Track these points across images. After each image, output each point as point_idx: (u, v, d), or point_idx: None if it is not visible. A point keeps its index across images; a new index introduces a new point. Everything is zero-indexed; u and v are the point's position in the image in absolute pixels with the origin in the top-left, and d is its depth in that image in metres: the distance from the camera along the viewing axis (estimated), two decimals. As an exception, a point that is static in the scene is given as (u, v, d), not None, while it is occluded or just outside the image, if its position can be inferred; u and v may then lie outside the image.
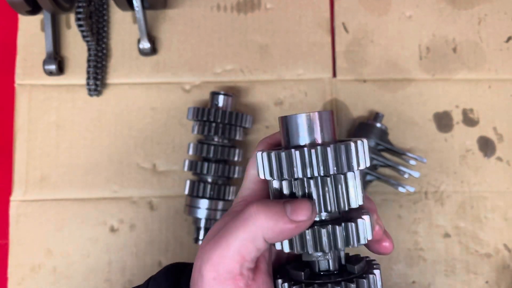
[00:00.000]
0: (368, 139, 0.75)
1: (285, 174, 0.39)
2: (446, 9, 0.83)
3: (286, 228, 0.38)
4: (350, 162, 0.39)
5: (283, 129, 0.42)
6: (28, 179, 0.78)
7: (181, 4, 0.83)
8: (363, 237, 0.40)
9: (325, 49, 0.82)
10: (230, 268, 0.39)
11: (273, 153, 0.39)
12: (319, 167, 0.38)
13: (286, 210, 0.38)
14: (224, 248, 0.39)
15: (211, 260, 0.39)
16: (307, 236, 0.39)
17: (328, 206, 0.39)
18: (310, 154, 0.38)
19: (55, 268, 0.76)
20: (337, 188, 0.40)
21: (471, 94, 0.81)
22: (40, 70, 0.79)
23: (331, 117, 0.41)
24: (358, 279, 0.40)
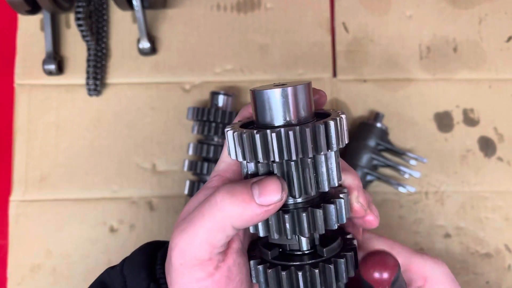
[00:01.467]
0: (369, 139, 0.75)
1: (259, 157, 0.36)
2: (447, 8, 0.83)
3: (254, 214, 0.36)
4: (330, 142, 0.36)
5: (255, 105, 0.38)
6: (28, 179, 0.78)
7: (181, 3, 0.83)
8: (333, 222, 0.38)
9: (325, 49, 0.82)
10: (197, 255, 0.37)
11: (245, 133, 0.36)
12: (297, 150, 0.35)
13: (253, 194, 0.36)
14: (191, 236, 0.37)
15: (178, 246, 0.38)
16: (286, 222, 0.37)
17: (309, 189, 0.37)
18: (287, 136, 0.35)
19: (55, 268, 0.76)
20: (317, 169, 0.37)
21: (472, 94, 0.81)
22: (40, 70, 0.79)
23: (307, 90, 0.37)
24: (325, 263, 0.38)
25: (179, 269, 0.38)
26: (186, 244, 0.38)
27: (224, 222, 0.36)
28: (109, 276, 0.45)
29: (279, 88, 0.36)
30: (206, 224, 0.37)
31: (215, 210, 0.37)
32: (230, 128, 0.38)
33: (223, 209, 0.36)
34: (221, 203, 0.36)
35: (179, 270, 0.38)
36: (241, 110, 0.43)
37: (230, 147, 0.38)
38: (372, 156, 0.75)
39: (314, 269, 0.38)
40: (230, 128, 0.38)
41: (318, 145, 0.36)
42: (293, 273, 0.38)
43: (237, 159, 0.38)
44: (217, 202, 0.37)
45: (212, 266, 0.38)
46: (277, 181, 0.36)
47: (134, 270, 0.43)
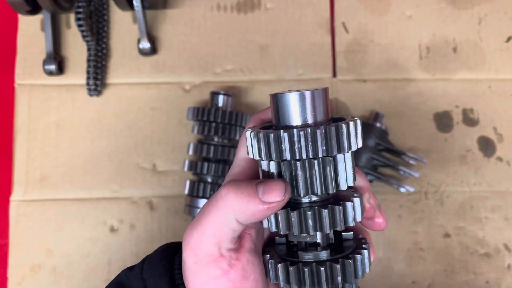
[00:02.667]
0: (368, 139, 0.75)
1: (273, 156, 0.38)
2: (446, 9, 0.83)
3: (257, 209, 0.37)
4: (340, 144, 0.37)
5: (274, 108, 0.40)
6: (28, 179, 0.78)
7: (181, 4, 0.83)
8: (351, 219, 0.39)
9: (325, 49, 0.82)
10: (208, 252, 0.39)
11: (262, 133, 0.38)
12: (308, 150, 0.37)
13: (258, 191, 0.37)
14: (199, 232, 0.39)
15: (190, 245, 0.39)
16: (293, 218, 0.38)
17: (315, 189, 0.38)
18: (299, 136, 0.37)
19: (55, 268, 0.76)
20: (325, 171, 0.38)
21: (471, 94, 0.81)
22: (40, 70, 0.79)
23: (324, 95, 0.39)
24: (344, 259, 0.40)
25: (194, 268, 0.39)
26: (196, 241, 0.39)
27: (228, 215, 0.38)
28: (127, 278, 0.45)
29: (297, 91, 0.38)
30: (212, 218, 0.38)
31: (220, 203, 0.38)
32: (250, 129, 0.40)
33: (227, 203, 0.38)
34: (226, 196, 0.38)
35: (194, 269, 0.39)
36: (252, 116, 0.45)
37: (248, 146, 0.40)
38: (372, 156, 0.75)
39: (335, 264, 0.39)
40: (250, 129, 0.40)
41: (329, 146, 0.37)
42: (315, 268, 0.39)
43: (253, 157, 0.40)
44: (222, 196, 0.38)
45: (225, 263, 0.39)
46: (281, 182, 0.38)
47: (155, 274, 0.43)
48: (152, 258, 0.45)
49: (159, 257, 0.45)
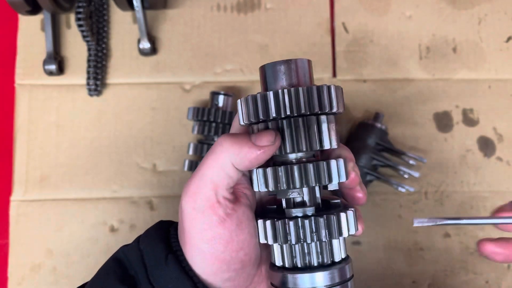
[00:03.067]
0: (368, 139, 0.75)
1: (260, 115, 0.41)
2: (446, 9, 0.83)
3: (250, 152, 0.40)
4: (322, 103, 0.41)
5: (262, 77, 0.43)
6: (28, 179, 0.78)
7: (181, 4, 0.83)
8: (335, 177, 0.41)
9: (325, 49, 0.82)
10: (206, 196, 0.41)
11: (250, 96, 0.41)
12: (292, 107, 0.40)
13: (251, 138, 0.41)
14: (198, 179, 0.42)
15: (188, 192, 0.42)
16: (280, 172, 0.41)
17: (301, 145, 0.41)
18: (283, 93, 0.40)
19: (55, 268, 0.76)
20: (310, 129, 0.41)
21: (471, 94, 0.81)
22: (40, 70, 0.79)
23: (308, 65, 0.43)
24: (329, 215, 0.41)
25: (192, 215, 0.41)
26: (194, 187, 0.42)
27: (225, 159, 0.40)
28: (124, 253, 0.47)
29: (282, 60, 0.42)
30: (209, 163, 0.41)
31: (217, 149, 0.41)
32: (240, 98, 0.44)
33: (223, 147, 0.41)
34: (222, 142, 0.41)
35: (192, 215, 0.41)
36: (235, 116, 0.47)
37: (239, 113, 0.43)
38: (372, 156, 0.75)
39: (319, 217, 0.41)
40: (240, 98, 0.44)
41: (311, 104, 0.40)
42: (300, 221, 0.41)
43: (243, 121, 0.43)
44: (218, 143, 0.41)
45: (222, 210, 0.41)
46: (271, 130, 0.41)
47: (151, 243, 0.45)
48: (148, 231, 0.47)
49: (154, 229, 0.47)
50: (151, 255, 0.44)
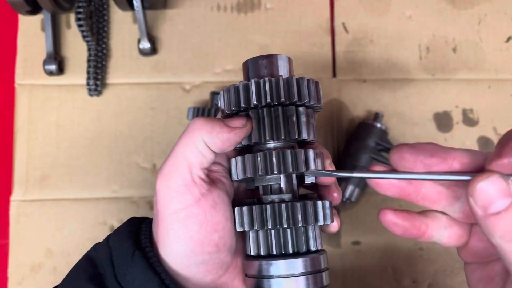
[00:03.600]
0: (368, 139, 0.75)
1: (242, 102, 0.42)
2: (446, 9, 0.83)
3: (222, 131, 0.41)
4: (301, 93, 0.42)
5: (245, 71, 0.45)
6: (28, 179, 0.78)
7: (181, 4, 0.83)
8: (312, 164, 0.42)
9: (325, 49, 0.82)
10: (180, 175, 0.41)
11: (232, 85, 0.43)
12: (272, 95, 0.41)
13: (223, 121, 0.42)
14: (172, 158, 0.42)
15: (163, 171, 0.42)
16: (258, 158, 0.41)
17: (280, 133, 0.42)
18: (264, 82, 0.42)
19: (55, 268, 0.76)
20: (289, 118, 0.42)
21: (471, 94, 0.81)
22: (40, 70, 0.79)
23: (288, 61, 0.45)
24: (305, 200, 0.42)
25: (167, 195, 0.41)
26: (168, 166, 0.42)
27: (197, 137, 0.41)
28: (96, 250, 0.47)
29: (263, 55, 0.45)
30: (183, 141, 0.42)
31: (190, 128, 0.42)
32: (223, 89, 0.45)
33: (196, 126, 0.41)
34: (195, 122, 0.42)
35: (167, 195, 0.41)
36: None
37: (221, 103, 0.44)
38: (372, 156, 0.75)
39: (295, 202, 0.41)
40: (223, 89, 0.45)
41: (291, 93, 0.42)
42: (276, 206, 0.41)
43: (226, 112, 0.43)
44: (191, 123, 0.42)
45: (197, 190, 0.41)
46: (243, 116, 0.42)
47: (119, 240, 0.44)
48: (119, 227, 0.47)
49: (125, 225, 0.47)
50: (118, 252, 0.44)
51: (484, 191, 0.34)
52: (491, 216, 0.33)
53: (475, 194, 0.34)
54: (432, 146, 0.38)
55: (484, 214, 0.34)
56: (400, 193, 0.40)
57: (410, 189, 0.40)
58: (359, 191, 0.75)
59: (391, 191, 0.40)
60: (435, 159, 0.37)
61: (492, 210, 0.33)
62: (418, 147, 0.38)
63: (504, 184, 0.33)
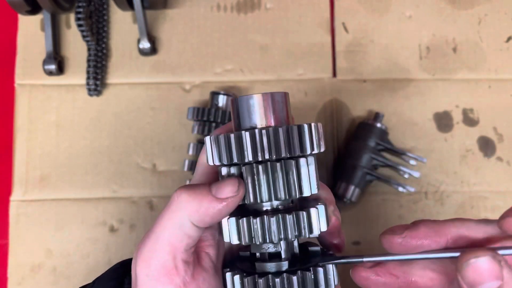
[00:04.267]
0: (368, 139, 0.75)
1: (234, 158, 0.37)
2: (446, 9, 0.83)
3: (211, 207, 0.36)
4: (303, 145, 0.37)
5: (234, 112, 0.39)
6: (28, 179, 0.78)
7: (181, 4, 0.83)
8: (316, 227, 0.37)
9: (325, 49, 0.82)
10: (162, 262, 0.36)
11: (222, 136, 0.37)
12: (271, 150, 0.36)
13: (211, 190, 0.36)
14: (153, 241, 0.37)
15: (142, 255, 0.37)
16: (255, 225, 0.37)
17: (278, 193, 0.37)
18: (261, 134, 0.36)
19: (55, 268, 0.76)
20: (288, 174, 0.37)
21: (471, 94, 0.81)
22: (40, 70, 0.79)
23: (284, 99, 0.39)
24: (304, 271, 0.37)
25: (146, 282, 0.36)
26: (149, 250, 0.37)
27: (182, 218, 0.36)
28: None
29: (256, 94, 0.38)
30: (165, 223, 0.37)
31: (173, 207, 0.37)
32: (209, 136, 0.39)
33: (180, 204, 0.36)
34: (178, 198, 0.36)
35: (146, 283, 0.36)
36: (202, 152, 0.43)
37: (208, 153, 0.38)
38: (372, 156, 0.75)
39: (292, 275, 0.37)
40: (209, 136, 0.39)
41: (291, 146, 0.36)
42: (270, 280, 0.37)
43: (213, 163, 0.38)
44: (174, 199, 0.37)
45: (179, 279, 0.36)
46: (234, 178, 0.37)
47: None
48: (102, 279, 0.42)
49: (109, 277, 0.42)
50: None
51: (472, 269, 0.32)
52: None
53: (462, 271, 0.32)
54: (424, 231, 0.36)
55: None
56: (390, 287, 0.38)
57: (400, 282, 0.38)
58: (359, 192, 0.75)
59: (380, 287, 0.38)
60: (427, 242, 0.36)
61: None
62: (408, 236, 0.36)
63: (495, 265, 0.31)
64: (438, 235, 0.36)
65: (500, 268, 0.32)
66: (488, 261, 0.32)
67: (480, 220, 0.37)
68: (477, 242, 0.36)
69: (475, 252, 0.32)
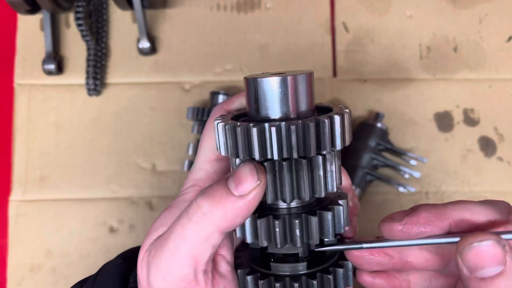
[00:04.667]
0: (369, 139, 0.75)
1: (255, 154, 0.32)
2: (447, 8, 0.83)
3: (237, 207, 0.32)
4: (334, 140, 0.32)
5: (251, 95, 0.34)
6: (27, 179, 0.78)
7: (181, 3, 0.82)
8: (340, 226, 0.35)
9: (325, 49, 0.82)
10: (182, 275, 0.33)
11: (240, 126, 0.32)
12: (299, 148, 0.31)
13: (230, 188, 0.33)
14: (173, 253, 0.34)
15: (158, 267, 0.34)
16: (276, 227, 0.33)
17: (302, 192, 0.33)
18: (289, 130, 0.31)
19: (55, 268, 0.76)
20: (314, 171, 0.33)
21: (472, 94, 0.81)
22: (40, 69, 0.79)
23: (310, 81, 0.34)
24: (323, 273, 0.35)
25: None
26: (167, 263, 0.34)
27: (209, 229, 0.33)
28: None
29: (278, 76, 0.33)
30: (188, 235, 0.33)
31: (196, 218, 0.33)
32: (220, 119, 0.34)
33: (205, 215, 0.33)
34: (200, 208, 0.33)
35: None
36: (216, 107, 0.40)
37: (220, 142, 0.34)
38: (372, 156, 0.75)
39: (311, 280, 0.34)
40: (220, 119, 0.34)
41: (322, 142, 0.32)
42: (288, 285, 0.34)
43: (228, 155, 0.34)
44: (195, 210, 0.33)
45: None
46: (250, 165, 0.33)
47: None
48: (105, 274, 0.40)
49: (112, 274, 0.40)
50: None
51: (474, 253, 0.31)
52: (475, 279, 0.31)
53: (463, 254, 0.31)
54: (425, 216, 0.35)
55: (469, 275, 0.31)
56: (384, 268, 0.37)
57: (394, 262, 0.37)
58: (359, 191, 0.75)
59: (374, 268, 0.37)
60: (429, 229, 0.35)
61: (478, 274, 0.30)
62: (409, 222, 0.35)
63: (499, 250, 0.30)
64: (440, 219, 0.35)
65: (504, 253, 0.30)
66: (492, 245, 0.30)
67: (481, 202, 0.36)
68: (480, 226, 0.34)
69: (478, 236, 0.31)
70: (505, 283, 0.30)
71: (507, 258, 0.30)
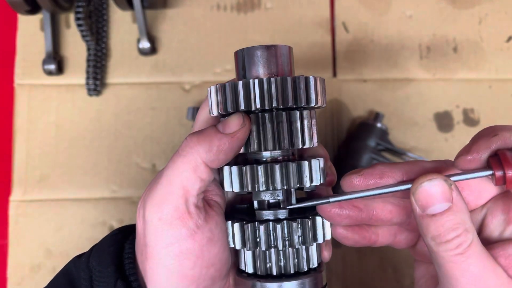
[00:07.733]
0: (369, 139, 0.75)
1: (241, 105, 0.37)
2: (447, 8, 0.83)
3: (222, 143, 0.37)
4: (309, 96, 0.38)
5: (238, 63, 0.40)
6: (28, 179, 0.78)
7: (181, 3, 0.82)
8: (316, 177, 0.39)
9: (325, 49, 0.82)
10: (175, 205, 0.37)
11: (228, 83, 0.38)
12: (278, 98, 0.37)
13: (218, 128, 0.38)
14: (165, 185, 0.37)
15: (153, 199, 0.37)
16: (259, 172, 0.37)
17: (282, 142, 0.38)
18: (269, 83, 0.37)
19: (55, 268, 0.76)
20: (292, 124, 0.38)
21: (472, 94, 0.81)
22: (40, 70, 0.79)
23: (289, 53, 0.40)
24: (303, 218, 0.39)
25: (159, 227, 0.37)
26: (161, 194, 0.37)
27: (196, 160, 0.37)
28: (76, 267, 0.42)
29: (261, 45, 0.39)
30: (179, 166, 0.37)
31: (184, 152, 0.37)
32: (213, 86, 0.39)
33: (192, 148, 0.37)
34: (189, 143, 0.37)
35: (159, 227, 0.37)
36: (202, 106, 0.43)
37: (212, 103, 0.39)
38: (372, 156, 0.75)
39: (292, 222, 0.38)
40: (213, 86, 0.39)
41: (298, 96, 0.37)
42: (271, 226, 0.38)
43: (217, 112, 0.38)
44: (185, 145, 0.37)
45: (192, 223, 0.37)
46: (237, 113, 0.38)
47: (101, 263, 0.40)
48: (101, 244, 0.43)
49: (108, 243, 0.42)
50: (99, 278, 0.39)
51: (425, 191, 0.34)
52: (427, 217, 0.34)
53: (416, 193, 0.35)
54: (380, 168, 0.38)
55: (421, 214, 0.34)
56: (354, 221, 0.40)
57: (362, 215, 0.40)
58: (359, 191, 0.75)
59: (345, 221, 0.40)
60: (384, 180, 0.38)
61: (429, 211, 0.34)
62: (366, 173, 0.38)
63: (446, 188, 0.34)
64: (393, 171, 0.38)
65: (450, 190, 0.34)
66: (439, 183, 0.34)
67: (434, 161, 0.41)
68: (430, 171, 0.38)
69: (427, 176, 0.34)
70: (453, 218, 0.33)
71: (454, 195, 0.34)
